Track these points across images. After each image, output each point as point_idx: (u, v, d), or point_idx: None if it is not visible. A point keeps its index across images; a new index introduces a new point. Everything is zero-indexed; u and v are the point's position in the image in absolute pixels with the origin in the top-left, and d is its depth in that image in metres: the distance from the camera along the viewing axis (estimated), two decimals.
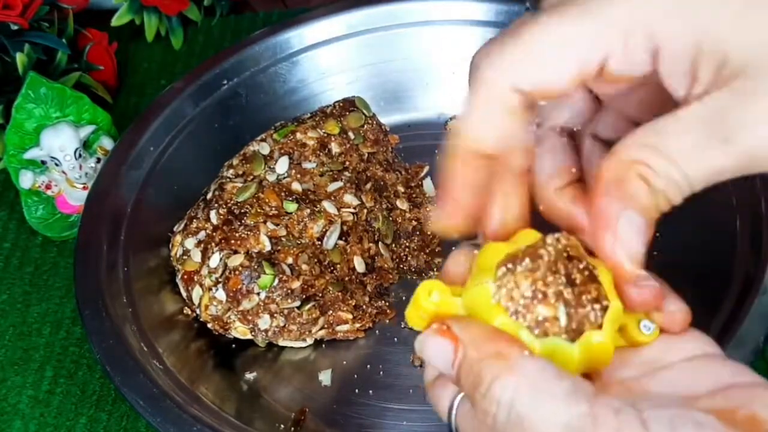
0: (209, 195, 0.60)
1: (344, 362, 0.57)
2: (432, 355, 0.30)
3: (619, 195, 0.29)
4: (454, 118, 0.70)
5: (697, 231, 0.56)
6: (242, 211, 0.57)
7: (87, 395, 0.58)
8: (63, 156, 0.63)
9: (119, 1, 0.78)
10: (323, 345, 0.58)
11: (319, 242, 0.58)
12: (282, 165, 0.60)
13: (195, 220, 0.59)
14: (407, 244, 0.62)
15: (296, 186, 0.59)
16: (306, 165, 0.61)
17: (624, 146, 0.29)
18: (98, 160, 0.65)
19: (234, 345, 0.58)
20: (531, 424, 0.27)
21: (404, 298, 0.60)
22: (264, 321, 0.55)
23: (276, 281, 0.55)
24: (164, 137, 0.64)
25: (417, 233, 0.63)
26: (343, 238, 0.59)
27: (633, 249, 0.29)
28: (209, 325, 0.57)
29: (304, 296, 0.55)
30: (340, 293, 0.57)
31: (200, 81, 0.66)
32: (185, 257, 0.58)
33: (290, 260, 0.56)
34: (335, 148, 0.62)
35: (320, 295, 0.56)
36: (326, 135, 0.62)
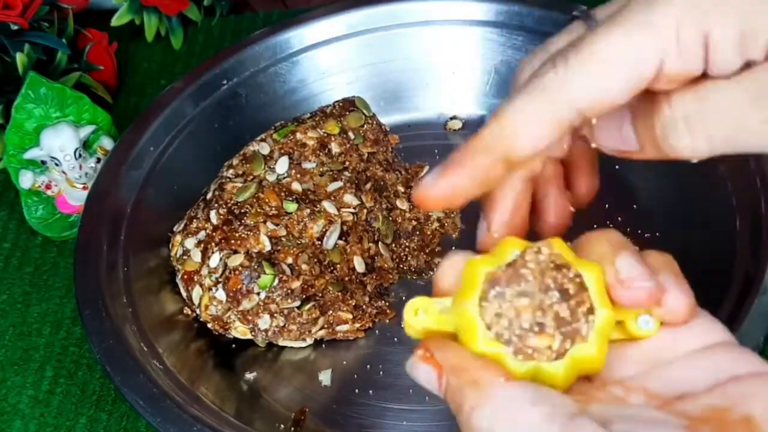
0: (209, 195, 0.60)
1: (344, 362, 0.57)
2: (421, 380, 0.31)
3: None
4: (455, 118, 0.70)
5: (697, 231, 0.56)
6: (242, 211, 0.57)
7: (87, 395, 0.58)
8: (63, 156, 0.63)
9: (119, 1, 0.78)
10: (323, 345, 0.58)
11: (319, 242, 0.58)
12: (282, 165, 0.60)
13: (195, 220, 0.59)
14: (407, 244, 0.62)
15: (296, 186, 0.59)
16: (306, 165, 0.61)
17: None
18: (98, 160, 0.65)
19: (234, 345, 0.58)
20: None
21: (404, 298, 0.60)
22: (264, 321, 0.55)
23: (276, 281, 0.55)
24: (164, 137, 0.64)
25: (417, 233, 0.63)
26: (343, 238, 0.59)
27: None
28: (209, 325, 0.57)
29: (304, 296, 0.55)
30: (340, 293, 0.57)
31: (200, 81, 0.66)
32: (185, 257, 0.58)
33: (290, 260, 0.56)
34: (335, 148, 0.62)
35: (320, 295, 0.56)
36: (326, 135, 0.62)
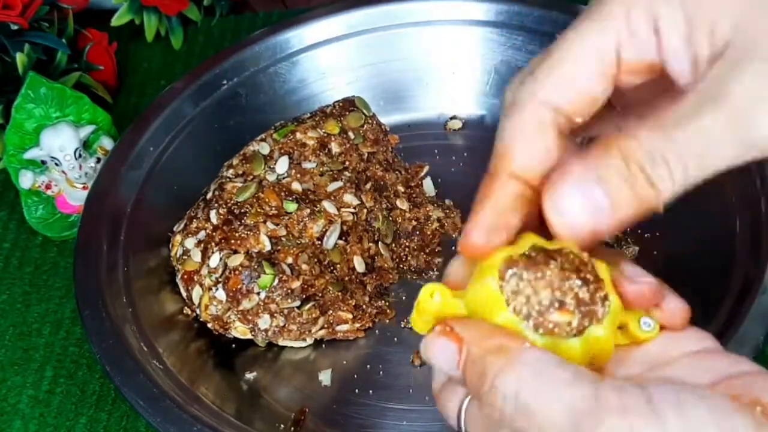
0: (209, 195, 0.60)
1: (344, 362, 0.57)
2: (437, 358, 0.31)
3: (587, 165, 0.29)
4: (455, 118, 0.70)
5: (697, 231, 0.56)
6: (242, 211, 0.57)
7: (87, 395, 0.58)
8: (63, 156, 0.63)
9: (119, 1, 0.78)
10: (323, 345, 0.58)
11: (319, 242, 0.58)
12: (282, 165, 0.60)
13: (195, 220, 0.59)
14: (407, 244, 0.62)
15: (296, 186, 0.60)
16: (306, 165, 0.61)
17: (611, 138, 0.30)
18: (98, 160, 0.65)
19: (234, 345, 0.58)
20: (537, 411, 0.27)
21: (404, 298, 0.60)
22: (264, 321, 0.55)
23: (276, 281, 0.55)
24: (164, 137, 0.64)
25: (417, 233, 0.63)
26: (343, 238, 0.59)
27: (575, 217, 0.29)
28: (209, 325, 0.57)
29: (304, 296, 0.55)
30: (340, 293, 0.57)
31: (200, 81, 0.66)
32: (185, 257, 0.58)
33: (290, 260, 0.56)
34: (335, 148, 0.62)
35: (320, 295, 0.56)
36: (326, 135, 0.62)
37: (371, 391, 0.55)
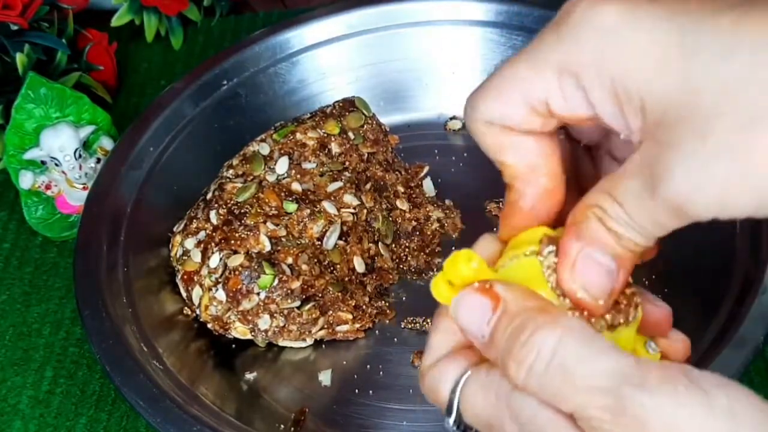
0: (209, 195, 0.60)
1: (344, 362, 0.57)
2: (466, 313, 0.30)
3: (579, 235, 0.29)
4: (454, 118, 0.70)
5: (697, 231, 0.56)
6: (242, 212, 0.57)
7: (87, 395, 0.58)
8: (63, 156, 0.63)
9: (119, 1, 0.78)
10: (323, 345, 0.58)
11: (319, 242, 0.58)
12: (282, 165, 0.60)
13: (195, 220, 0.59)
14: (407, 244, 0.62)
15: (296, 186, 0.60)
16: (306, 165, 0.61)
17: (588, 193, 0.30)
18: (98, 160, 0.65)
19: (234, 345, 0.58)
20: (576, 371, 0.27)
21: (404, 298, 0.60)
22: (264, 321, 0.55)
23: (276, 281, 0.55)
24: (164, 137, 0.64)
25: (417, 233, 0.63)
26: (343, 238, 0.59)
27: (593, 284, 0.30)
28: (209, 325, 0.57)
29: (304, 296, 0.55)
30: (340, 293, 0.57)
31: (200, 81, 0.66)
32: (185, 257, 0.58)
33: (290, 260, 0.56)
34: (335, 148, 0.62)
35: (320, 295, 0.56)
36: (326, 135, 0.62)
37: (371, 392, 0.55)
